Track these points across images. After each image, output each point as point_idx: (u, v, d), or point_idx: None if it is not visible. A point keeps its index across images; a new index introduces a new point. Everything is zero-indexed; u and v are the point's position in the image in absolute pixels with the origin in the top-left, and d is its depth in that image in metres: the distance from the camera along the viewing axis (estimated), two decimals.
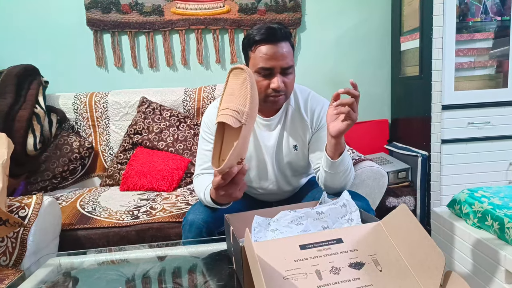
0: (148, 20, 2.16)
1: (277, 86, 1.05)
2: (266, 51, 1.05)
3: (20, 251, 1.16)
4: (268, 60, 1.05)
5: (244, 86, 0.84)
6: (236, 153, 0.83)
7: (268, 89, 1.08)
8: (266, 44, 1.05)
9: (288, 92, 1.12)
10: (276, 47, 1.05)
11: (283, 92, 1.09)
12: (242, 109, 0.83)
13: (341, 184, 1.11)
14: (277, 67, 1.05)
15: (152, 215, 1.45)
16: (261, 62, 1.05)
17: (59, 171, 1.86)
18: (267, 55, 1.05)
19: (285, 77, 1.08)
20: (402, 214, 0.70)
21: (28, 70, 1.89)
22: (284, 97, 1.11)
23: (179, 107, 2.04)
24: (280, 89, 1.06)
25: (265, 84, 1.07)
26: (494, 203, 1.20)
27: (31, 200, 1.24)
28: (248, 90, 0.83)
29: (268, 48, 1.05)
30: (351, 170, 1.12)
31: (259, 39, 1.05)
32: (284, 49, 1.05)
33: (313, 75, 2.32)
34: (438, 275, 0.59)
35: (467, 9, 1.96)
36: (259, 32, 1.05)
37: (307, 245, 0.70)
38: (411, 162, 2.05)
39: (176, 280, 0.87)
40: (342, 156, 1.05)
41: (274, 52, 1.04)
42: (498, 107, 1.92)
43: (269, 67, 1.05)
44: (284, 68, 1.06)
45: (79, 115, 2.01)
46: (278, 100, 1.10)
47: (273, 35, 1.04)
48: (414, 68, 2.07)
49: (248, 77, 0.84)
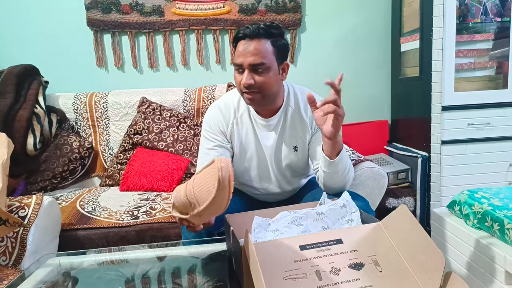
0: (148, 20, 2.16)
1: (243, 82, 1.07)
2: (239, 47, 1.08)
3: (20, 251, 1.16)
4: (239, 56, 1.08)
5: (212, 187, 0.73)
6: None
7: (241, 85, 1.09)
8: (241, 41, 1.08)
9: (264, 90, 1.09)
10: (247, 44, 1.06)
11: (255, 90, 1.08)
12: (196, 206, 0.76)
13: (340, 184, 1.11)
14: (245, 63, 1.07)
15: (152, 215, 1.45)
16: (235, 58, 1.10)
17: (59, 171, 1.86)
18: (238, 51, 1.08)
19: (256, 74, 1.07)
20: (402, 215, 0.70)
21: (28, 70, 1.89)
22: (260, 95, 1.09)
23: (179, 107, 2.04)
24: (247, 85, 1.07)
25: (239, 80, 1.09)
26: (494, 204, 1.20)
27: (31, 200, 1.24)
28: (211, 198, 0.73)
29: (242, 44, 1.08)
30: (350, 170, 1.12)
31: (235, 36, 1.10)
32: (256, 46, 1.06)
33: (313, 75, 2.32)
34: (438, 276, 0.59)
35: (467, 10, 1.96)
36: (238, 32, 1.09)
37: (307, 245, 0.70)
38: (411, 163, 2.05)
39: (176, 281, 0.87)
40: (340, 155, 1.06)
41: (244, 49, 1.06)
42: (498, 108, 1.92)
43: (238, 63, 1.08)
44: (252, 65, 1.06)
45: (79, 115, 2.01)
46: (252, 98, 1.10)
47: (247, 32, 1.07)
48: (414, 69, 2.07)
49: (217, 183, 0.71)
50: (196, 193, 0.78)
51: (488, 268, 1.14)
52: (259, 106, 1.16)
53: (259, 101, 1.11)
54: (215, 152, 1.19)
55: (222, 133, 1.20)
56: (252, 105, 1.14)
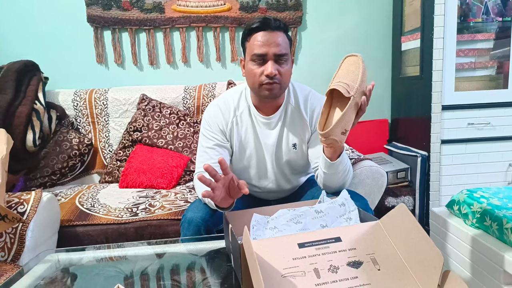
0: (149, 17, 2.15)
1: (270, 72, 1.05)
2: (259, 38, 1.07)
3: (19, 247, 1.16)
4: (261, 46, 1.07)
5: (357, 68, 0.96)
6: (342, 121, 0.94)
7: (262, 76, 1.08)
8: (260, 32, 1.08)
9: (283, 82, 1.10)
10: (270, 34, 1.07)
11: (277, 81, 1.08)
12: (352, 84, 0.94)
13: (339, 184, 1.11)
14: (270, 53, 1.06)
15: (151, 212, 1.45)
16: (255, 49, 1.08)
17: (58, 168, 1.86)
18: (260, 41, 1.07)
19: (279, 66, 1.08)
20: (401, 213, 0.70)
21: (28, 66, 1.88)
22: (279, 87, 1.10)
23: (179, 104, 2.04)
24: (273, 75, 1.06)
25: (259, 71, 1.08)
26: (493, 204, 1.20)
27: (30, 196, 1.24)
28: (360, 72, 0.95)
29: (262, 35, 1.07)
30: (349, 170, 1.12)
31: (254, 27, 1.09)
32: (278, 37, 1.07)
33: (314, 74, 2.31)
34: (436, 274, 0.59)
35: (468, 10, 1.96)
36: (254, 22, 1.09)
37: (306, 243, 0.70)
38: (411, 162, 2.05)
39: (175, 278, 0.87)
40: (341, 157, 1.05)
41: (267, 39, 1.06)
42: (498, 108, 1.92)
43: (262, 53, 1.07)
44: (277, 55, 1.07)
45: (78, 111, 2.01)
46: (272, 89, 1.09)
47: (267, 23, 1.07)
48: (415, 68, 2.07)
49: (361, 62, 0.97)
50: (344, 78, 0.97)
51: (487, 267, 1.14)
52: (274, 98, 1.14)
53: (278, 92, 1.11)
54: (214, 151, 1.18)
55: (222, 131, 1.20)
56: (270, 97, 1.12)
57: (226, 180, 0.91)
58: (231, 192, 0.94)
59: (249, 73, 1.11)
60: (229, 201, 0.95)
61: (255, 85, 1.10)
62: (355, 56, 0.99)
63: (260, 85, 1.09)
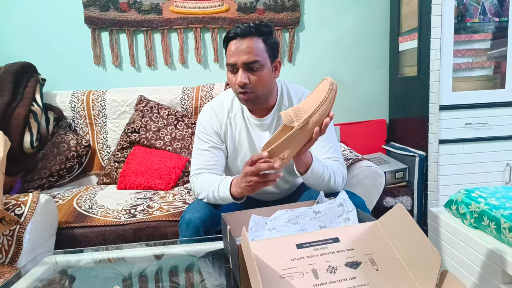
0: (147, 18, 2.15)
1: (238, 81, 1.06)
2: (231, 47, 1.07)
3: (16, 249, 1.16)
4: (231, 56, 1.07)
5: (319, 97, 0.90)
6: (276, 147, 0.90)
7: (235, 84, 1.08)
8: (233, 40, 1.08)
9: (258, 89, 1.08)
10: (240, 42, 1.06)
11: (249, 89, 1.07)
12: (302, 113, 0.89)
13: (325, 189, 1.08)
14: (239, 63, 1.06)
15: (149, 214, 1.44)
16: (228, 58, 1.08)
17: (56, 169, 1.85)
18: (231, 51, 1.07)
19: (251, 73, 1.07)
20: (399, 213, 0.70)
21: (26, 68, 1.88)
22: (254, 95, 1.09)
23: (177, 105, 2.04)
24: (242, 84, 1.06)
25: (233, 80, 1.09)
26: (491, 204, 1.20)
27: (27, 198, 1.23)
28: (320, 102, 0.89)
29: (233, 43, 1.07)
30: (332, 176, 1.08)
31: (226, 37, 1.09)
32: (248, 44, 1.05)
33: (312, 74, 2.32)
34: (434, 274, 0.59)
35: (466, 10, 1.97)
36: (229, 32, 1.09)
37: (304, 244, 0.70)
38: (409, 162, 2.05)
39: (173, 279, 0.87)
40: (310, 170, 1.03)
41: (236, 48, 1.06)
42: (495, 108, 1.93)
43: (232, 62, 1.07)
44: (246, 63, 1.05)
45: (76, 113, 2.00)
46: (247, 98, 1.09)
47: (237, 32, 1.06)
48: (412, 69, 2.07)
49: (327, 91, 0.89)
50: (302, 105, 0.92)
51: (485, 267, 1.14)
52: (255, 106, 1.15)
53: (255, 100, 1.11)
54: (210, 153, 1.19)
55: (216, 133, 1.20)
56: (248, 105, 1.14)
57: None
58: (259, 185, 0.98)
59: (229, 82, 1.12)
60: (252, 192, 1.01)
61: (235, 93, 1.12)
62: (326, 81, 0.91)
63: (237, 94, 1.11)
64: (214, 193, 1.09)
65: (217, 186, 1.09)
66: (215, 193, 1.09)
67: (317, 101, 0.89)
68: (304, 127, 0.88)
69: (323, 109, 0.89)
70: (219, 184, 1.08)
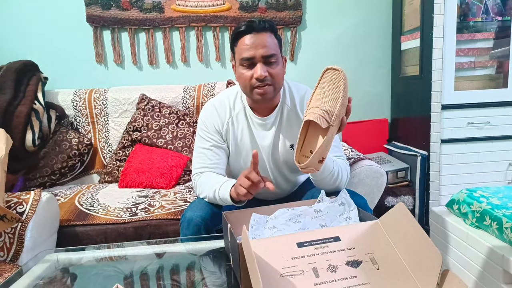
0: (148, 17, 2.15)
1: (259, 75, 1.05)
2: (246, 41, 1.06)
3: (18, 247, 1.16)
4: (248, 49, 1.06)
5: (337, 87, 0.89)
6: (319, 153, 0.88)
7: (252, 79, 1.07)
8: (247, 35, 1.07)
9: (276, 83, 1.09)
10: (256, 37, 1.06)
11: (269, 82, 1.07)
12: (332, 110, 0.88)
13: (332, 187, 1.10)
14: (257, 56, 1.05)
15: (151, 212, 1.45)
16: (243, 53, 1.07)
17: (58, 168, 1.86)
18: (247, 45, 1.06)
19: (269, 67, 1.07)
20: (400, 213, 0.70)
21: (28, 66, 1.88)
22: (272, 88, 1.09)
23: (179, 104, 2.04)
24: (263, 77, 1.05)
25: (249, 75, 1.07)
26: (493, 203, 1.20)
27: (29, 196, 1.24)
28: (341, 93, 0.88)
29: (248, 38, 1.06)
30: (339, 173, 1.09)
31: (239, 31, 1.08)
32: (265, 38, 1.06)
33: (313, 73, 2.30)
34: (435, 273, 0.59)
35: (468, 9, 1.96)
36: (240, 26, 1.08)
37: (305, 243, 0.70)
38: (410, 162, 2.05)
39: (174, 277, 0.87)
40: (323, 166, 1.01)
41: (253, 41, 1.06)
42: (498, 107, 1.92)
43: (250, 56, 1.06)
44: (265, 57, 1.06)
45: (78, 111, 2.01)
46: (264, 92, 1.08)
47: (252, 26, 1.06)
48: (414, 68, 2.07)
49: (342, 79, 0.88)
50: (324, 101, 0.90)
51: (486, 267, 1.14)
52: (267, 102, 1.14)
53: (271, 95, 1.10)
54: (211, 152, 1.18)
55: (218, 132, 1.20)
56: (263, 100, 1.11)
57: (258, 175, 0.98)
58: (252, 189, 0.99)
59: (240, 78, 1.10)
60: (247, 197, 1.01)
61: (247, 89, 1.10)
62: (335, 71, 0.90)
63: (252, 89, 1.09)
64: (215, 193, 1.09)
65: (218, 187, 1.09)
66: (216, 193, 1.09)
67: (338, 92, 0.89)
68: (336, 121, 0.89)
69: (345, 98, 0.90)
70: (221, 186, 1.08)
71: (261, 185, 0.97)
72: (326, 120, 0.87)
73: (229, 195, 1.06)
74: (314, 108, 0.90)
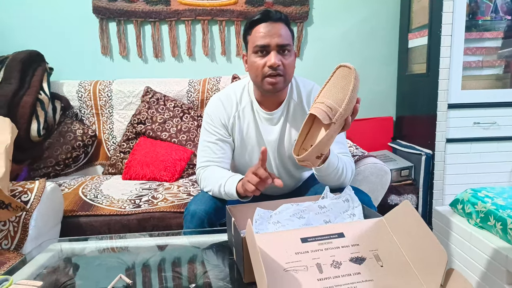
0: (154, 9, 2.14)
1: (273, 63, 1.04)
2: (262, 29, 1.06)
3: (22, 236, 1.17)
4: (264, 37, 1.06)
5: (346, 86, 0.88)
6: (318, 148, 0.88)
7: (265, 67, 1.06)
8: (262, 23, 1.07)
9: (287, 74, 1.09)
10: (272, 25, 1.06)
11: (281, 72, 1.07)
12: (336, 107, 0.87)
13: (336, 183, 1.09)
14: (272, 44, 1.05)
15: (154, 205, 1.45)
16: (258, 40, 1.07)
17: (62, 158, 1.87)
18: (262, 32, 1.06)
19: (282, 57, 1.07)
20: (405, 210, 0.70)
21: (33, 56, 1.88)
22: (283, 79, 1.08)
23: (183, 98, 2.03)
24: (277, 66, 1.05)
25: (262, 63, 1.07)
26: (498, 204, 1.19)
27: (33, 185, 1.24)
28: (349, 91, 0.87)
29: (264, 26, 1.06)
30: (344, 170, 1.09)
31: (256, 19, 1.08)
32: (280, 28, 1.07)
33: (319, 69, 2.30)
34: (439, 272, 0.59)
35: (477, 8, 1.94)
36: (255, 15, 1.08)
37: (309, 238, 0.70)
38: (415, 161, 2.04)
39: (176, 269, 0.87)
40: (327, 162, 1.03)
41: (269, 30, 1.06)
42: (505, 108, 1.90)
43: (265, 43, 1.05)
44: (280, 46, 1.06)
45: (83, 103, 2.01)
46: (276, 82, 1.07)
47: (269, 15, 1.07)
48: (421, 66, 2.05)
49: (353, 78, 0.88)
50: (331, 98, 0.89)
51: (490, 267, 1.14)
52: (276, 93, 1.13)
53: (281, 85, 1.10)
54: (217, 146, 1.18)
55: (224, 126, 1.19)
56: (273, 90, 1.10)
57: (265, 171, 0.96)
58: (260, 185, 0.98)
59: (252, 66, 1.09)
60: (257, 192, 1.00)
61: (258, 78, 1.09)
62: (348, 68, 0.90)
63: (263, 78, 1.08)
64: (220, 188, 1.09)
65: (224, 182, 1.09)
66: (221, 187, 1.09)
67: (346, 90, 0.88)
68: (340, 119, 0.88)
69: (353, 97, 0.90)
70: (226, 181, 1.08)
71: (269, 181, 0.96)
72: (329, 116, 0.87)
73: (236, 190, 1.05)
74: (319, 103, 0.90)
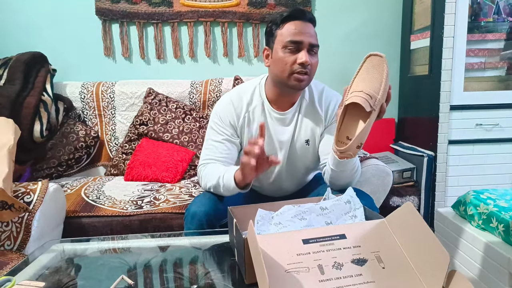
0: (157, 11, 2.15)
1: (304, 60, 1.05)
2: (295, 26, 1.07)
3: (25, 236, 1.17)
4: (297, 34, 1.06)
5: (380, 73, 0.91)
6: (360, 137, 0.89)
7: (295, 64, 1.06)
8: (296, 20, 1.07)
9: (312, 75, 1.11)
10: (305, 24, 1.08)
11: (308, 71, 1.08)
12: (374, 95, 0.89)
13: (346, 181, 1.10)
14: (305, 42, 1.06)
15: (156, 206, 1.45)
16: (290, 36, 1.06)
17: (65, 159, 1.87)
18: (296, 29, 1.06)
19: (311, 57, 1.08)
20: (407, 212, 0.70)
21: (37, 58, 1.89)
22: (308, 79, 1.10)
23: (185, 99, 2.04)
24: (307, 64, 1.06)
25: (292, 59, 1.07)
26: (500, 205, 1.19)
27: (36, 186, 1.25)
28: (384, 78, 0.89)
29: (298, 23, 1.07)
30: (357, 168, 1.11)
31: (289, 15, 1.08)
32: (311, 28, 1.09)
33: (322, 71, 2.26)
34: (441, 274, 0.59)
35: (480, 9, 1.93)
36: (288, 11, 1.09)
37: (310, 239, 0.70)
38: (417, 162, 2.03)
39: (178, 270, 0.87)
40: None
41: (303, 28, 1.07)
42: (507, 109, 1.90)
43: (298, 40, 1.06)
44: (312, 45, 1.07)
45: (85, 104, 2.02)
46: (303, 79, 1.08)
47: (303, 13, 1.08)
48: (424, 67, 2.05)
49: (386, 65, 0.91)
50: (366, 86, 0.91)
51: (492, 269, 1.13)
52: (298, 92, 1.15)
53: (306, 84, 1.11)
54: (223, 146, 1.17)
55: (232, 126, 1.18)
56: (299, 87, 1.11)
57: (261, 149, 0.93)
58: (259, 167, 0.96)
59: (279, 61, 1.08)
60: (253, 175, 0.97)
61: (285, 73, 1.08)
62: (379, 57, 0.93)
63: (290, 75, 1.08)
64: (219, 179, 1.08)
65: (223, 174, 1.08)
66: (220, 179, 1.08)
67: (381, 78, 0.90)
68: (378, 106, 0.90)
69: (387, 84, 0.91)
70: (226, 172, 1.08)
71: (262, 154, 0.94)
72: (370, 103, 0.88)
73: (233, 178, 1.04)
74: (357, 91, 0.91)
